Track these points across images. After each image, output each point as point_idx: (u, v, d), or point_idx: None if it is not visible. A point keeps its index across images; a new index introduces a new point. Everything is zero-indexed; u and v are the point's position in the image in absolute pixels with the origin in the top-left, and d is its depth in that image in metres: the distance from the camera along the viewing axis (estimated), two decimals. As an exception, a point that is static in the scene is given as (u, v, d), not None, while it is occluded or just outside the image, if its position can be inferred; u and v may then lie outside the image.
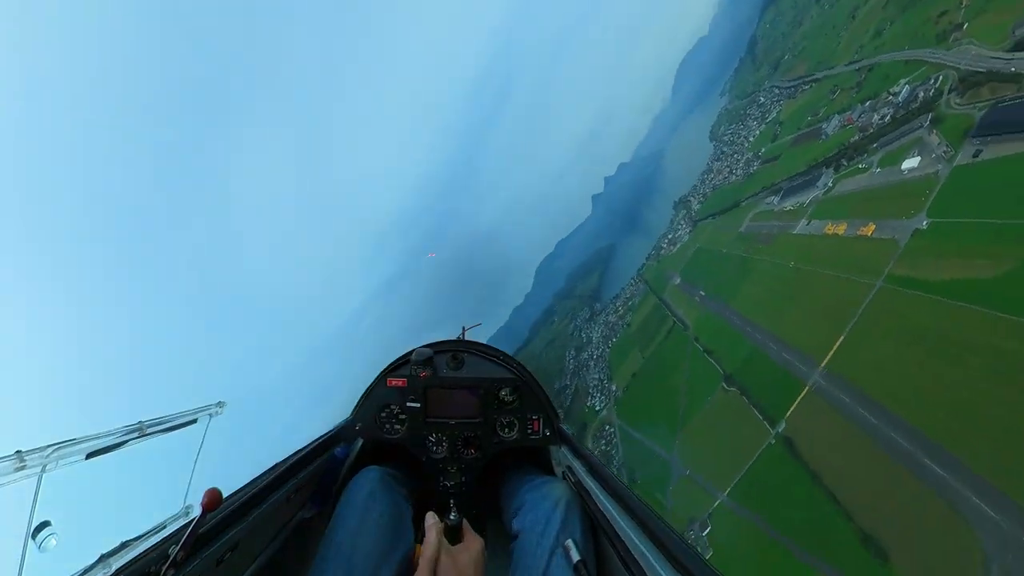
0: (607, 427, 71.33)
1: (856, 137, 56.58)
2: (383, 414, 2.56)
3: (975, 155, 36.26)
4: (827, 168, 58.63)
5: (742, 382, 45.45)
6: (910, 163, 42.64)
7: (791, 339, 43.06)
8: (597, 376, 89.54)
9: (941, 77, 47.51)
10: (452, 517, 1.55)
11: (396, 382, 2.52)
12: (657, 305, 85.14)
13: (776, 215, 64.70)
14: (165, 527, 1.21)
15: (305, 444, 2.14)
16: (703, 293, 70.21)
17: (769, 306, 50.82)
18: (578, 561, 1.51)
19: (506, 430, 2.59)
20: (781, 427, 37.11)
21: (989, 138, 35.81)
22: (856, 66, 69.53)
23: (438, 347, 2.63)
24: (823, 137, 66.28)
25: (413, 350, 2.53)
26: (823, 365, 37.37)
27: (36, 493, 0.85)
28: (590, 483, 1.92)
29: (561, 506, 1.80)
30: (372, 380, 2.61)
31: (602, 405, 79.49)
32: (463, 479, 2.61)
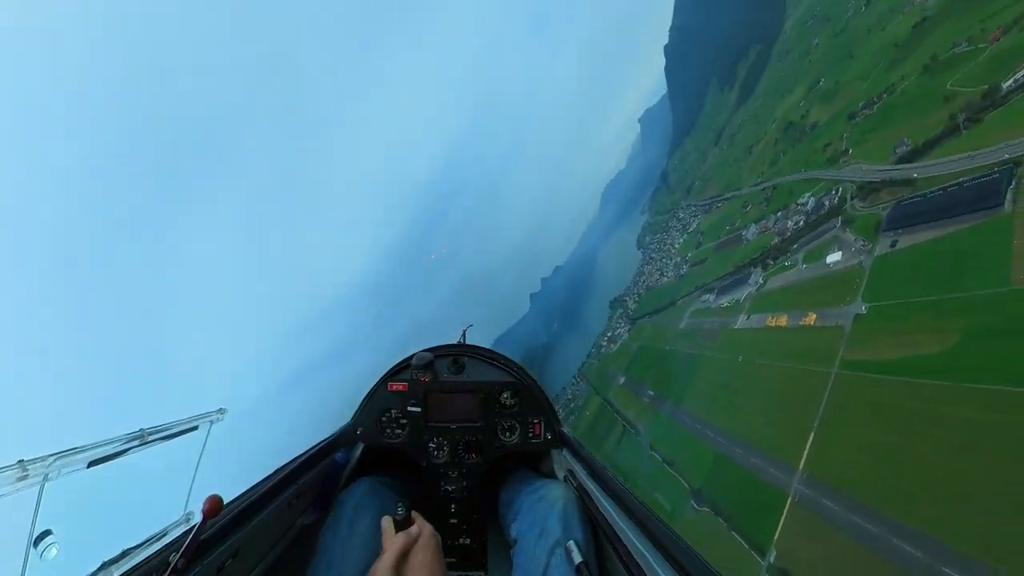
0: None
1: (776, 240, 59.95)
2: (384, 418, 2.47)
3: (892, 245, 37.94)
4: (755, 268, 60.72)
5: (714, 499, 39.11)
6: (834, 257, 44.01)
7: (757, 440, 38.30)
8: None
9: (841, 189, 52.38)
10: (399, 511, 1.60)
11: (397, 386, 2.46)
12: (603, 406, 79.31)
13: (714, 312, 64.74)
14: (166, 534, 1.20)
15: (306, 449, 2.07)
16: (652, 393, 65.80)
17: (725, 404, 46.93)
18: (580, 563, 1.48)
19: (507, 434, 2.51)
20: (772, 556, 30.36)
21: (901, 230, 37.81)
22: (761, 187, 77.78)
23: (439, 351, 2.59)
24: (744, 242, 70.43)
25: (414, 354, 2.47)
26: (800, 468, 32.53)
27: (38, 502, 0.84)
28: (591, 486, 1.89)
29: (560, 508, 1.77)
30: (373, 384, 2.52)
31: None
32: (464, 484, 2.53)
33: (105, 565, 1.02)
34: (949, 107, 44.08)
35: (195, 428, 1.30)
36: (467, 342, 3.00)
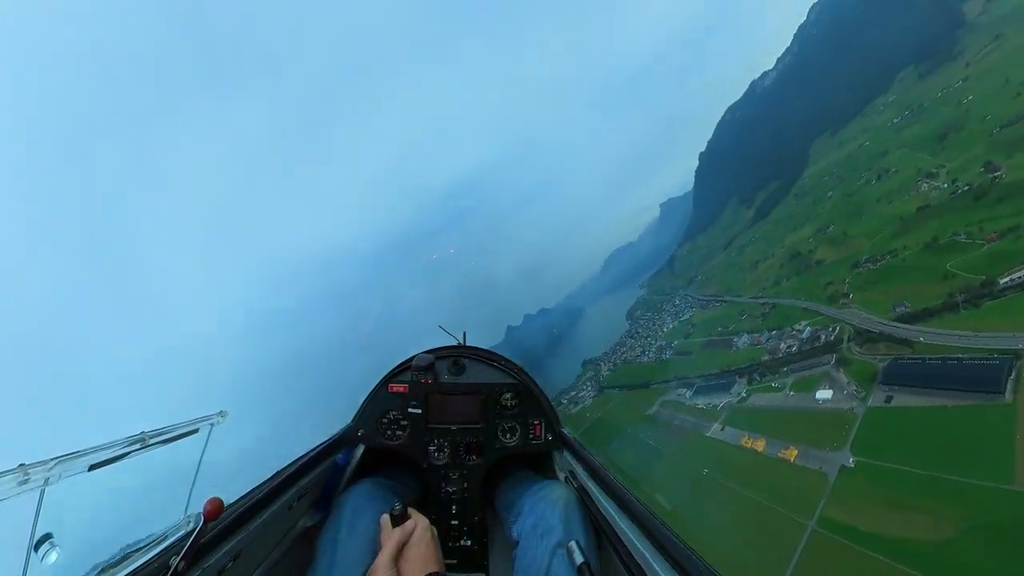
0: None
1: (766, 357, 60.61)
2: (384, 420, 2.45)
3: (887, 400, 37.84)
4: (740, 378, 60.74)
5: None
6: (824, 394, 44.19)
7: None
8: None
9: (838, 328, 53.81)
10: (396, 508, 1.58)
11: (397, 388, 2.44)
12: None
13: (688, 409, 63.82)
14: (167, 537, 1.18)
15: (307, 451, 2.05)
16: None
17: (673, 521, 44.81)
18: (582, 563, 1.48)
19: (507, 435, 2.49)
20: None
21: (897, 387, 38.09)
22: (761, 301, 79.70)
23: (439, 353, 2.57)
24: (734, 348, 71.09)
25: (414, 356, 2.45)
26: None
27: (39, 506, 0.83)
28: (592, 487, 1.88)
29: (562, 508, 1.77)
30: (374, 386, 2.50)
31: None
32: (465, 485, 2.49)
33: (105, 568, 1.01)
34: (948, 285, 46.44)
35: (196, 431, 1.28)
36: (467, 344, 2.99)
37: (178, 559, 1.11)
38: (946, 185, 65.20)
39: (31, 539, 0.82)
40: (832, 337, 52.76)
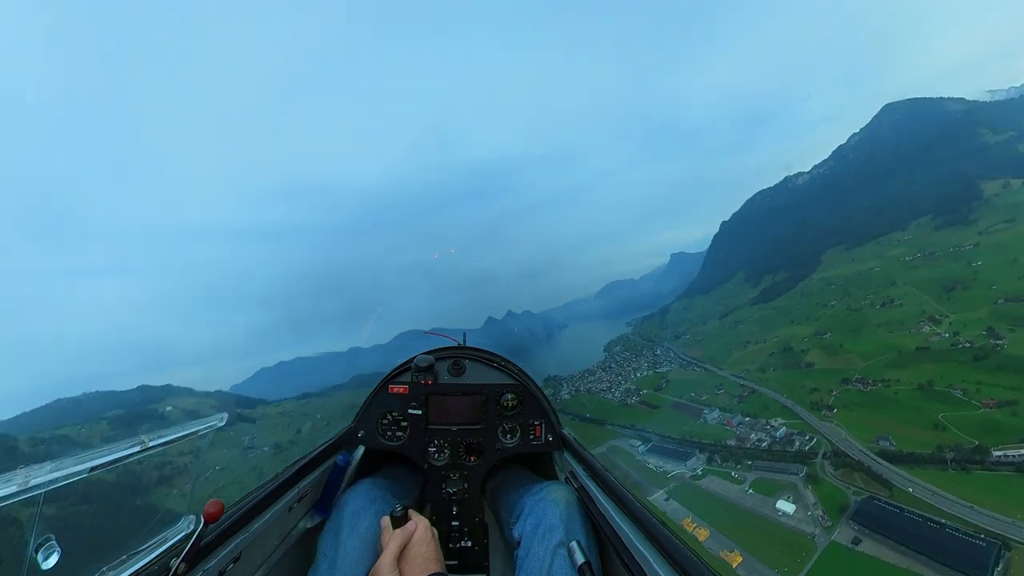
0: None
1: (733, 442, 57.72)
2: (385, 421, 2.44)
3: (855, 541, 34.42)
4: (700, 452, 57.81)
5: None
6: (786, 506, 41.00)
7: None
8: None
9: (816, 440, 51.03)
10: (397, 509, 1.58)
11: (398, 389, 2.43)
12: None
13: (636, 464, 60.13)
14: (167, 539, 1.16)
15: (307, 452, 2.06)
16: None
17: None
18: (583, 563, 1.48)
19: (508, 436, 2.48)
20: None
21: (868, 531, 34.79)
22: (742, 381, 77.00)
23: (439, 353, 2.55)
24: (702, 420, 68.09)
25: (415, 357, 2.43)
26: None
27: (39, 508, 0.82)
28: (592, 487, 1.88)
29: (562, 509, 1.76)
30: (374, 387, 2.48)
31: None
32: (465, 486, 2.47)
33: (106, 570, 1.00)
34: (937, 436, 43.83)
35: (195, 434, 1.27)
36: (467, 344, 2.94)
37: (178, 561, 1.11)
38: (947, 335, 63.61)
39: (32, 542, 0.82)
40: (807, 447, 49.92)
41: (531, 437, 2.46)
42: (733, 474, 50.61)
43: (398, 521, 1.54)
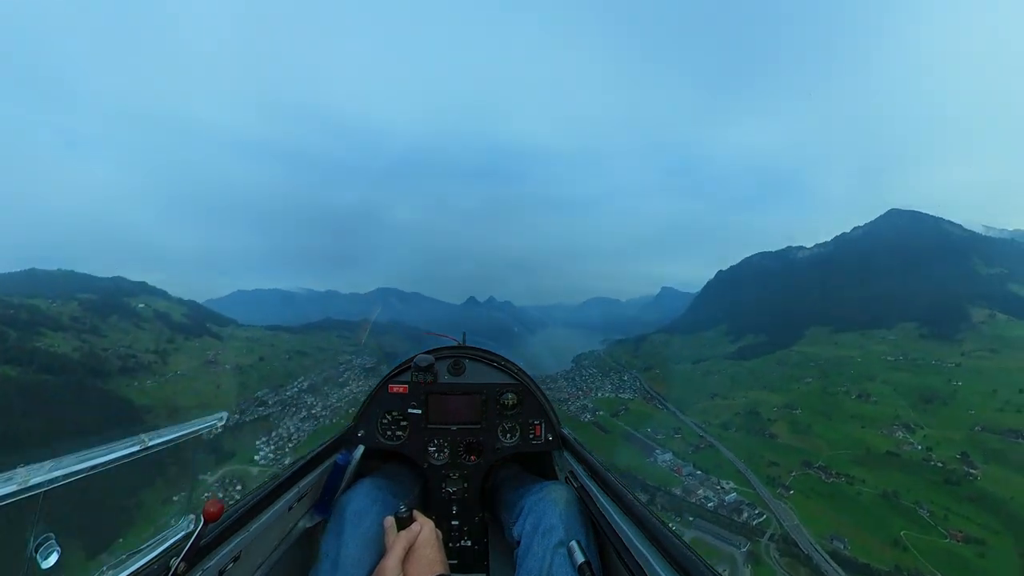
0: None
1: (679, 491, 53.92)
2: (385, 420, 2.42)
3: None
4: (642, 492, 54.08)
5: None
6: (723, 579, 37.42)
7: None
8: None
9: (767, 517, 47.48)
10: (402, 510, 1.56)
11: (397, 389, 2.41)
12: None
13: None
14: (166, 539, 1.15)
15: (307, 452, 2.05)
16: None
17: None
18: (583, 562, 1.47)
19: (507, 436, 2.45)
20: None
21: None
22: (702, 432, 73.66)
23: (439, 353, 2.54)
24: (652, 459, 64.44)
25: (414, 356, 2.40)
26: None
27: (39, 508, 0.83)
28: (592, 487, 1.87)
29: (562, 508, 1.75)
30: (374, 387, 2.48)
31: None
32: (465, 485, 2.44)
33: (106, 570, 0.99)
34: (896, 555, 40.79)
35: (195, 434, 1.26)
36: (467, 344, 2.92)
37: (178, 560, 1.09)
38: (920, 447, 61.08)
39: (31, 541, 0.81)
40: (755, 522, 46.34)
41: (531, 437, 2.43)
42: (672, 525, 46.68)
43: (403, 522, 1.51)
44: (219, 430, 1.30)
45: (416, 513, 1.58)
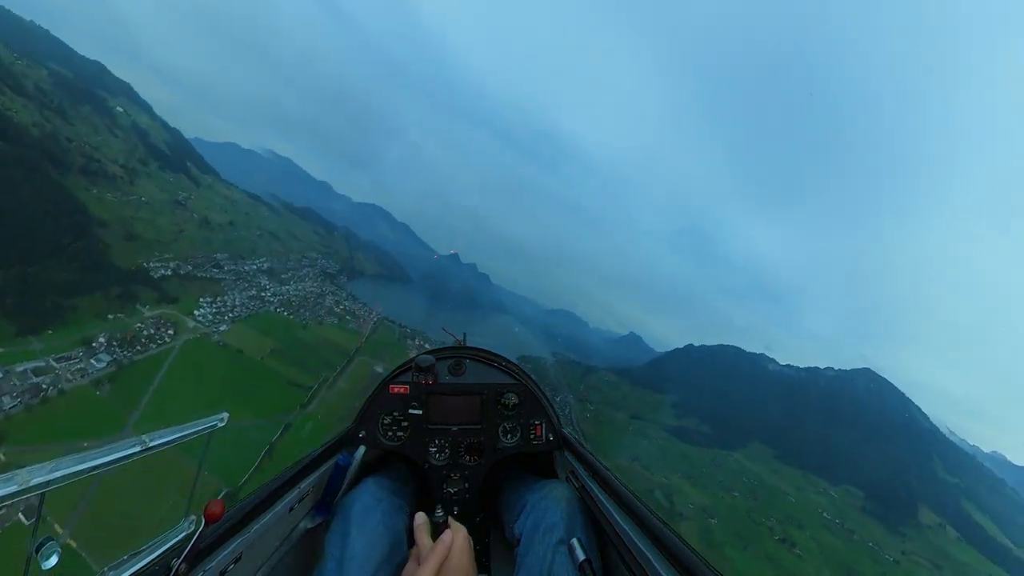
0: None
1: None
2: (385, 421, 2.39)
3: None
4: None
5: None
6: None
7: None
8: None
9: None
10: (438, 514, 1.56)
11: (398, 389, 2.40)
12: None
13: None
14: (167, 539, 1.14)
15: (308, 453, 2.03)
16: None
17: None
18: (583, 560, 1.46)
19: (508, 436, 2.43)
20: None
21: None
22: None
23: (440, 353, 2.53)
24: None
25: (415, 356, 2.38)
26: None
27: (39, 509, 0.80)
28: (593, 486, 1.87)
29: (564, 507, 1.74)
30: (374, 387, 2.45)
31: None
32: (466, 486, 2.42)
33: (107, 570, 0.99)
34: None
35: (196, 435, 1.24)
36: (467, 344, 2.89)
37: (179, 561, 1.09)
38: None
39: (32, 541, 0.81)
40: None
41: (531, 437, 2.41)
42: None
43: (437, 527, 1.46)
44: (221, 426, 1.27)
45: (450, 520, 1.53)
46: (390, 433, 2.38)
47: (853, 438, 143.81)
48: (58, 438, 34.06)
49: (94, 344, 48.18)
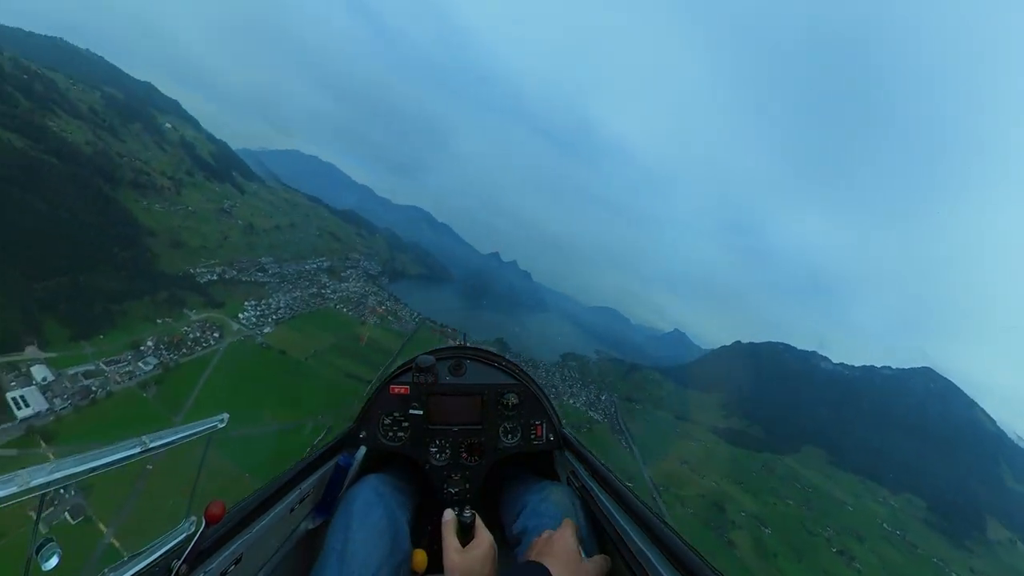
0: None
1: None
2: (386, 422, 2.36)
3: None
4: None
5: None
6: None
7: None
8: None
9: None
10: (466, 514, 1.53)
11: (399, 389, 2.35)
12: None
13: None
14: (168, 541, 1.13)
15: (308, 454, 2.02)
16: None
17: None
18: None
19: (509, 436, 2.42)
20: None
21: None
22: (655, 495, 66.40)
23: (440, 354, 2.49)
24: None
25: (415, 357, 2.37)
26: None
27: (39, 510, 0.81)
28: (594, 487, 1.86)
29: (564, 507, 1.75)
30: (375, 388, 2.42)
31: None
32: (466, 486, 2.41)
33: (107, 572, 0.98)
34: None
35: (196, 436, 1.23)
36: (468, 345, 2.90)
37: (179, 563, 1.09)
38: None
39: (32, 543, 0.80)
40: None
41: (532, 437, 2.40)
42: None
43: (465, 528, 1.45)
44: (222, 427, 1.26)
45: (479, 523, 1.50)
46: (391, 433, 2.35)
47: (912, 442, 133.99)
48: (103, 438, 34.70)
49: (142, 347, 49.73)
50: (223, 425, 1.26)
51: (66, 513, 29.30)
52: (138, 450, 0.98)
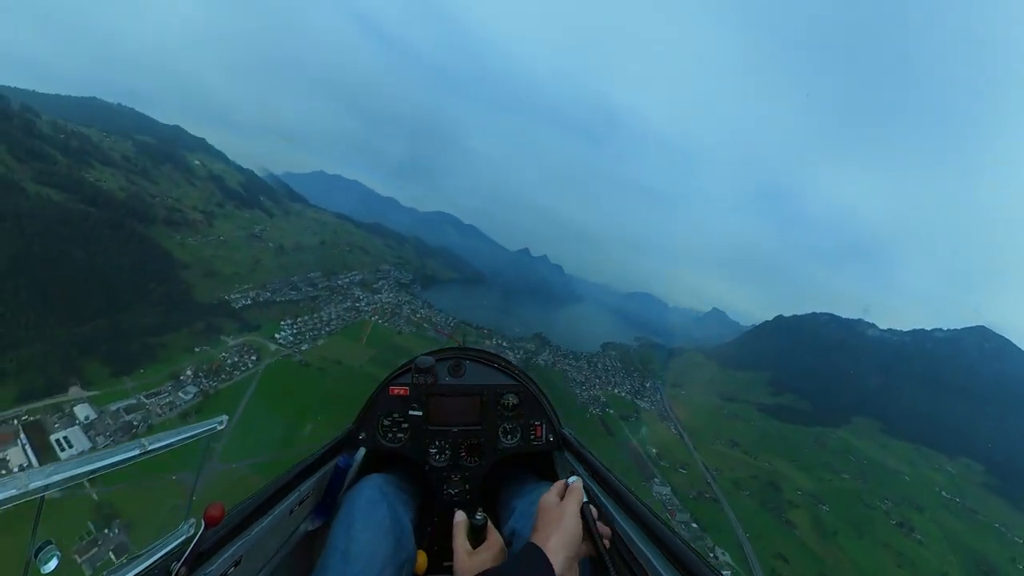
0: None
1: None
2: (385, 423, 2.36)
3: None
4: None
5: None
6: None
7: None
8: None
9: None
10: (478, 517, 1.51)
11: (398, 390, 2.35)
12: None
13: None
14: (167, 543, 1.12)
15: (308, 456, 2.00)
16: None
17: None
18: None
19: (508, 437, 2.41)
20: None
21: None
22: (709, 479, 62.98)
23: (440, 354, 2.49)
24: (647, 485, 55.38)
25: (415, 358, 2.37)
26: None
27: (38, 513, 0.81)
28: (594, 487, 1.85)
29: None
30: (375, 389, 2.40)
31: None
32: (466, 487, 2.41)
33: (106, 574, 0.97)
34: None
35: (195, 438, 1.22)
36: (467, 346, 2.84)
37: (178, 565, 1.08)
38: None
39: (31, 546, 0.80)
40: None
41: (532, 437, 2.40)
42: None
43: (477, 531, 1.45)
44: (220, 428, 1.25)
45: (491, 527, 1.49)
46: (390, 435, 2.34)
47: (967, 405, 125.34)
48: (145, 473, 34.79)
49: (181, 377, 50.22)
50: (222, 427, 1.25)
51: (111, 552, 28.88)
52: (137, 452, 0.97)
